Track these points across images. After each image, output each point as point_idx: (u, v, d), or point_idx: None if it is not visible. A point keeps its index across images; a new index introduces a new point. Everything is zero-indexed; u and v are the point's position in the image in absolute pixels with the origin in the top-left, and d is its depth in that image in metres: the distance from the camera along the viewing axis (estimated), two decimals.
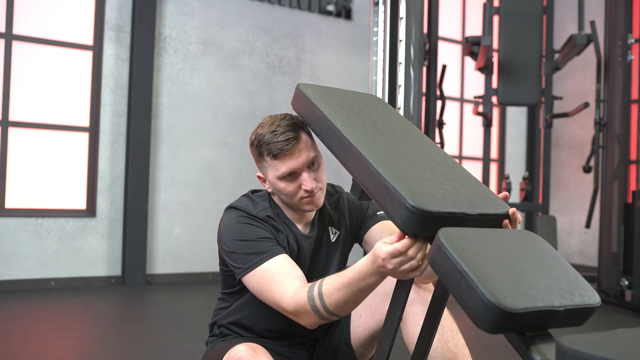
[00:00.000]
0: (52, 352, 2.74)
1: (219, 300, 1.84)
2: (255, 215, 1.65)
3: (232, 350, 1.56)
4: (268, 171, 1.64)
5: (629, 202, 4.49)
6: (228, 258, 1.63)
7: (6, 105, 4.45)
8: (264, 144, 1.61)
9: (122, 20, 4.81)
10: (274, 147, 1.59)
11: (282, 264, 1.54)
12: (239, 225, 1.62)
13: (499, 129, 6.90)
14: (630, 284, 4.25)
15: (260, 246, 1.58)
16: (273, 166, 1.62)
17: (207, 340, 1.84)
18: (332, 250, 1.77)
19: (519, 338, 1.16)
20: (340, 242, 1.78)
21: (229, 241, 1.61)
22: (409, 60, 3.89)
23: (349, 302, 1.42)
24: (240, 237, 1.60)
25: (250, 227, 1.62)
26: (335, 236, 1.78)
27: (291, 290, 1.47)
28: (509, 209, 1.37)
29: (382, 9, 4.04)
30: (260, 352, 1.54)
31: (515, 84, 4.81)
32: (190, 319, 3.64)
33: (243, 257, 1.58)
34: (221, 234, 1.66)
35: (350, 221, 1.80)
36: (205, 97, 5.17)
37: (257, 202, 1.70)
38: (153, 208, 4.92)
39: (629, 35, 4.35)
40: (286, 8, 5.56)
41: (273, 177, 1.63)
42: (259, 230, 1.61)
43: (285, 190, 1.62)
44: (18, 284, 4.38)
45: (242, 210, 1.66)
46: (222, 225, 1.67)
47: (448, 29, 6.48)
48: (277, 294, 1.50)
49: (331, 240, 1.77)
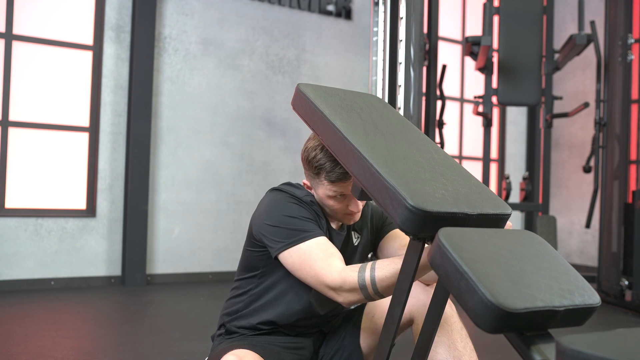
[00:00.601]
0: (52, 352, 2.74)
1: (234, 289, 1.85)
2: (301, 199, 1.71)
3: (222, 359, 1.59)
4: (319, 188, 1.71)
5: (629, 202, 4.49)
6: (268, 233, 1.66)
7: (6, 105, 4.45)
8: (324, 170, 1.67)
9: (122, 20, 4.81)
10: (334, 176, 1.66)
11: (326, 244, 1.62)
12: (286, 203, 1.69)
13: (499, 129, 6.90)
14: (630, 284, 4.25)
15: (306, 225, 1.64)
16: (327, 187, 1.69)
17: (214, 334, 1.85)
18: (353, 252, 1.84)
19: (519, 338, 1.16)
20: (360, 246, 1.85)
21: (275, 216, 1.66)
22: (409, 60, 3.89)
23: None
24: (288, 213, 1.66)
25: (297, 207, 1.68)
26: (357, 240, 1.85)
27: (337, 268, 1.54)
28: (510, 209, 1.38)
29: (382, 9, 4.03)
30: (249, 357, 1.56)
31: (515, 84, 4.81)
32: (190, 319, 3.64)
33: (287, 232, 1.63)
34: (265, 210, 1.70)
35: (371, 226, 1.88)
36: (205, 97, 5.17)
37: (302, 190, 1.78)
38: (153, 208, 4.92)
39: (629, 35, 4.35)
40: (286, 8, 5.56)
41: (323, 194, 1.71)
42: (304, 211, 1.68)
43: (332, 206, 1.72)
44: (18, 284, 4.38)
45: (288, 193, 1.73)
46: (266, 202, 1.72)
47: (448, 29, 6.48)
48: (321, 270, 1.55)
49: (354, 243, 1.84)
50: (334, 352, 1.83)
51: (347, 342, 1.83)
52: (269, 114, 5.46)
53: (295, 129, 5.54)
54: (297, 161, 5.55)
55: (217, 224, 5.20)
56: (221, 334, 1.82)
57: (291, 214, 1.66)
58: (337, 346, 1.83)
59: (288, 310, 1.75)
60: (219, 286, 4.79)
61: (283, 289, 1.73)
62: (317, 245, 1.60)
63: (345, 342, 1.83)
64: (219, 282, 5.01)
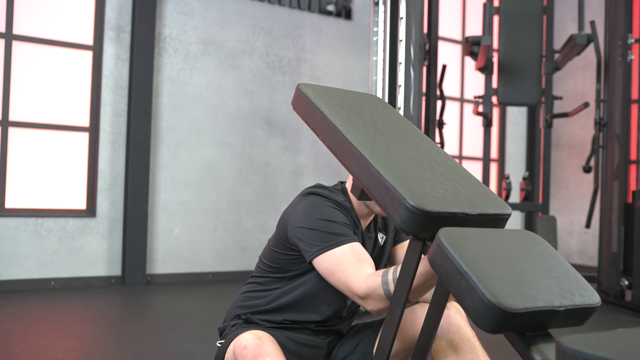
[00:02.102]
0: (52, 352, 2.74)
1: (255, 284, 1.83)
2: (340, 203, 1.72)
3: (239, 338, 1.57)
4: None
5: (629, 202, 4.49)
6: (305, 236, 1.65)
7: (6, 105, 4.45)
8: None
9: (122, 20, 4.81)
10: None
11: (360, 250, 1.62)
12: (325, 207, 1.68)
13: (499, 129, 6.90)
14: (630, 284, 4.25)
15: (343, 230, 1.64)
16: None
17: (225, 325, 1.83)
18: (380, 252, 1.85)
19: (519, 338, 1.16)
20: (386, 246, 1.87)
21: (313, 219, 1.65)
22: (409, 60, 3.89)
23: (418, 291, 1.47)
24: (327, 217, 1.66)
25: (336, 212, 1.68)
26: (383, 240, 1.86)
27: (365, 274, 1.54)
28: (510, 209, 1.38)
29: (382, 9, 4.03)
30: (267, 340, 1.54)
31: (515, 84, 4.81)
32: (190, 319, 3.64)
33: (325, 236, 1.63)
34: (303, 212, 1.69)
35: (392, 228, 1.90)
36: (205, 97, 5.17)
37: (338, 193, 1.77)
38: (153, 208, 4.92)
39: (629, 35, 4.34)
40: (286, 8, 5.56)
41: None
42: (342, 216, 1.68)
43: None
44: (18, 284, 4.38)
45: (326, 197, 1.72)
46: (304, 205, 1.71)
47: (448, 29, 6.48)
48: (351, 276, 1.55)
49: (380, 243, 1.85)
50: (345, 355, 1.83)
51: (361, 348, 1.82)
52: (269, 114, 5.46)
53: (295, 129, 5.54)
54: (297, 161, 5.56)
55: (217, 224, 5.20)
56: (236, 324, 1.80)
57: (331, 218, 1.65)
58: (350, 350, 1.83)
59: (313, 312, 1.75)
60: (219, 286, 4.79)
61: (312, 292, 1.73)
62: (351, 250, 1.60)
63: (359, 348, 1.82)
64: (219, 282, 5.01)
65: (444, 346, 1.66)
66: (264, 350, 1.50)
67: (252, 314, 1.79)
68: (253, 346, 1.51)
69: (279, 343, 1.60)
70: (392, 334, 1.40)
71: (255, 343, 1.51)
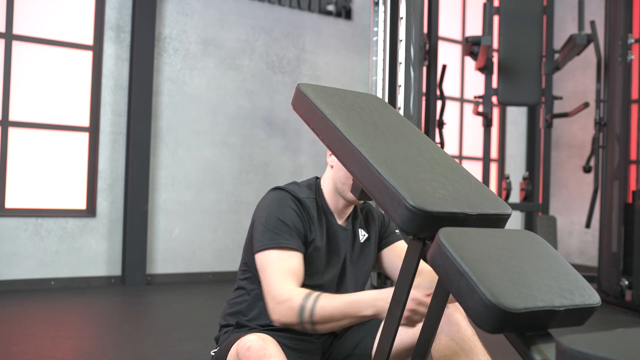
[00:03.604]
0: (52, 352, 2.74)
1: (236, 290, 1.85)
2: (301, 199, 1.74)
3: (242, 339, 1.58)
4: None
5: (629, 202, 4.49)
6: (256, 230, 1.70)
7: (6, 105, 4.45)
8: None
9: (122, 20, 4.81)
10: None
11: (298, 262, 1.66)
12: (284, 206, 1.72)
13: (499, 129, 6.90)
14: (630, 284, 4.25)
15: (291, 234, 1.67)
16: None
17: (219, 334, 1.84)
18: (364, 249, 1.86)
19: (519, 338, 1.16)
20: (369, 245, 1.87)
21: (271, 217, 1.69)
22: (409, 60, 3.89)
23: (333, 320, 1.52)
24: (280, 216, 1.69)
25: (292, 213, 1.71)
26: (364, 238, 1.86)
27: (289, 286, 1.58)
28: (510, 209, 1.38)
29: (382, 9, 4.03)
30: (270, 342, 1.56)
31: (515, 84, 4.81)
32: (190, 319, 3.64)
33: (272, 235, 1.66)
34: (264, 208, 1.73)
35: (376, 228, 1.90)
36: (205, 97, 5.17)
37: (303, 189, 1.80)
38: (153, 208, 4.92)
39: (629, 35, 4.34)
40: (286, 8, 5.56)
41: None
42: (296, 219, 1.71)
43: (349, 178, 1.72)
44: (18, 284, 4.38)
45: (289, 192, 1.75)
46: (268, 201, 1.75)
47: (448, 29, 6.48)
48: (276, 281, 1.60)
49: (360, 240, 1.86)
50: (344, 356, 1.82)
51: (360, 349, 1.81)
52: (269, 114, 5.46)
53: (295, 129, 5.54)
54: (297, 161, 5.56)
55: (217, 224, 5.20)
56: (228, 331, 1.80)
57: (282, 218, 1.68)
58: (349, 351, 1.81)
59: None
60: (219, 286, 4.79)
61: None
62: (288, 259, 1.64)
63: (358, 349, 1.81)
64: (219, 282, 5.01)
65: (444, 345, 1.66)
66: (267, 351, 1.52)
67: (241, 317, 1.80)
68: (257, 347, 1.53)
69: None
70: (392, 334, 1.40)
71: (259, 344, 1.53)
